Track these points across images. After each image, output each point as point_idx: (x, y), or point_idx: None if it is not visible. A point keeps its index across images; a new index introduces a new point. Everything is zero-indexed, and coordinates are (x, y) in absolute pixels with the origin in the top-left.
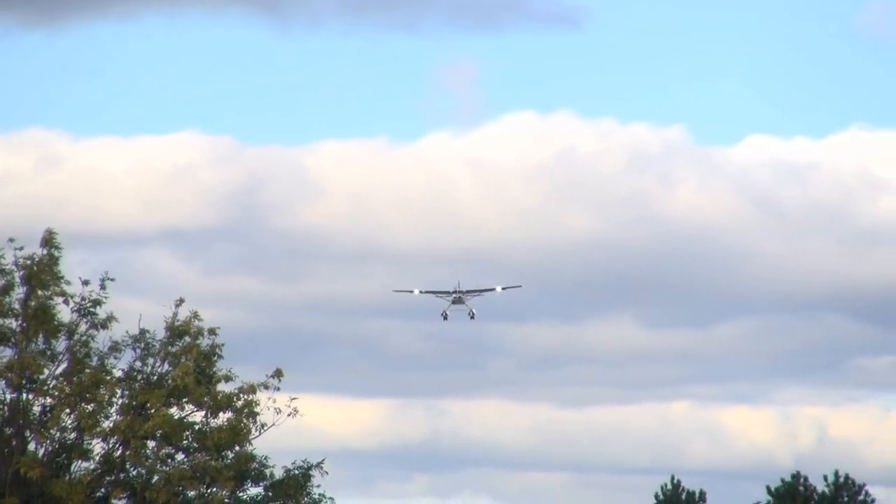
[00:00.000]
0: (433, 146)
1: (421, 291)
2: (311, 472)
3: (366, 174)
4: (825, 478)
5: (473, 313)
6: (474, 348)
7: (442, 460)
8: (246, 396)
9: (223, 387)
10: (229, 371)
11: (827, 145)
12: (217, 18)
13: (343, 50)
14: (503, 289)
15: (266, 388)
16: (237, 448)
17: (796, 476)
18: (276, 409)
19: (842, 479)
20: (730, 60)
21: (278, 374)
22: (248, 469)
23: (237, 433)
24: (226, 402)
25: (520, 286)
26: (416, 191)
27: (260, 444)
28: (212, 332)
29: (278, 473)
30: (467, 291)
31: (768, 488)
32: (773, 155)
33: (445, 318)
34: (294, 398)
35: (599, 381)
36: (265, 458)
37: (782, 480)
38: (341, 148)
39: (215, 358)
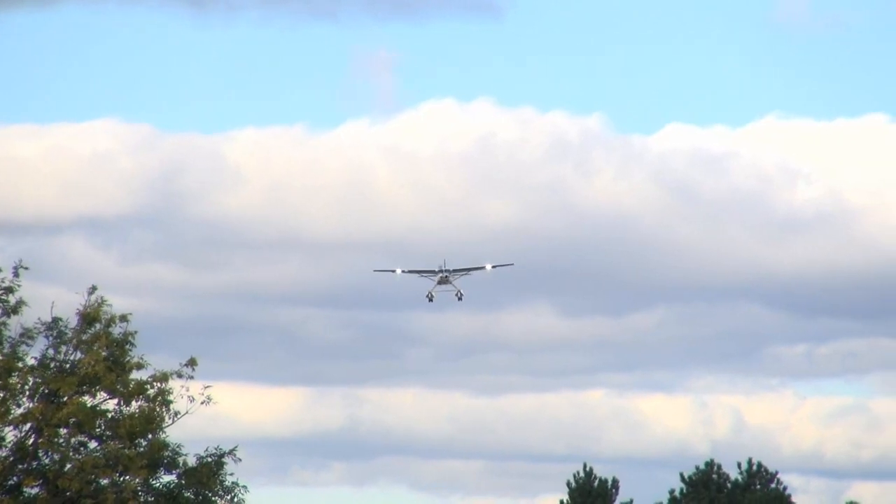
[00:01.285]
0: (352, 134)
1: (404, 271)
2: (223, 459)
3: (284, 162)
4: (738, 465)
5: (461, 294)
6: (391, 337)
7: (358, 448)
8: (159, 385)
9: (136, 374)
10: (141, 358)
11: (745, 134)
12: (135, 6)
13: (261, 38)
14: (493, 267)
15: (179, 376)
16: (150, 436)
17: (710, 464)
18: (189, 397)
19: (755, 467)
20: (648, 49)
21: (192, 362)
22: (161, 457)
23: (150, 421)
24: (137, 391)
25: (512, 264)
26: (335, 179)
27: (173, 432)
28: (123, 318)
29: (191, 461)
30: (454, 270)
31: (682, 476)
32: (692, 143)
33: (431, 299)
34: (207, 386)
35: (515, 369)
36: (178, 446)
37: (696, 468)
38: (260, 136)
39: (128, 346)
